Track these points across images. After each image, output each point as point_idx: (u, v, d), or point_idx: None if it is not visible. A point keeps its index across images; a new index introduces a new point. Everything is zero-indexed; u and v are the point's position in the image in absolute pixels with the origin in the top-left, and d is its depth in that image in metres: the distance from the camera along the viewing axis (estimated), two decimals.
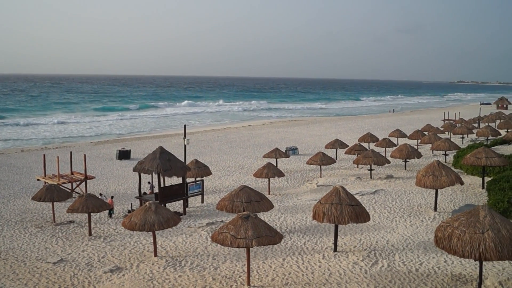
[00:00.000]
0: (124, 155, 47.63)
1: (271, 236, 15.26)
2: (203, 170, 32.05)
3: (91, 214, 23.77)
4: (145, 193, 29.78)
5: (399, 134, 52.16)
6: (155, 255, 19.20)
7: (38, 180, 34.57)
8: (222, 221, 23.95)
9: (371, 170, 35.39)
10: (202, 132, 71.69)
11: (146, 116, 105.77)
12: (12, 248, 21.04)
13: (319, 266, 17.33)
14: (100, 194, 29.52)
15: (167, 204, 26.51)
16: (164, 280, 16.67)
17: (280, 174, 32.84)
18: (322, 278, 16.27)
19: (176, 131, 74.25)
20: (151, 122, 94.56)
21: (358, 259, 17.80)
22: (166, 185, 28.30)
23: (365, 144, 46.54)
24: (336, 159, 42.24)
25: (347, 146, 44.29)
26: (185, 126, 32.31)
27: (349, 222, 17.83)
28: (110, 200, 27.55)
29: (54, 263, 18.92)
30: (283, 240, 18.46)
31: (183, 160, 30.07)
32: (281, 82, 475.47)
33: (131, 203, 29.13)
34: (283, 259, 18.13)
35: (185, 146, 32.98)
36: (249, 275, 15.96)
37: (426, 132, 54.78)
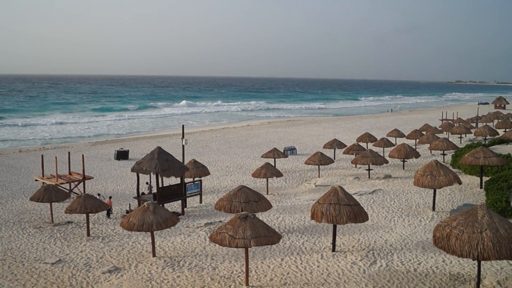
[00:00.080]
0: (122, 155, 47.61)
1: (269, 236, 15.26)
2: (201, 170, 32.03)
3: (89, 215, 23.72)
4: (143, 193, 29.76)
5: (397, 134, 52.22)
6: (154, 256, 19.19)
7: (36, 180, 34.53)
8: (220, 221, 23.94)
9: (369, 170, 35.41)
10: (200, 132, 71.67)
11: (144, 116, 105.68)
12: (10, 249, 21.01)
13: (318, 266, 17.33)
14: (98, 194, 29.47)
15: (165, 204, 26.49)
16: (163, 281, 16.65)
17: (279, 174, 32.85)
18: (320, 278, 16.27)
19: (174, 131, 74.21)
20: (149, 122, 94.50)
21: (356, 259, 17.81)
22: (164, 185, 28.28)
23: (363, 144, 46.60)
24: (334, 159, 42.25)
25: (345, 146, 44.28)
26: (183, 126, 32.36)
27: (347, 222, 17.85)
28: (108, 200, 27.53)
29: (52, 263, 18.90)
30: (281, 240, 18.45)
31: (181, 160, 30.09)
32: (279, 82, 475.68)
33: (129, 204, 29.11)
34: (282, 259, 18.14)
35: (183, 146, 33.01)
36: (247, 275, 15.95)
37: (424, 132, 54.88)
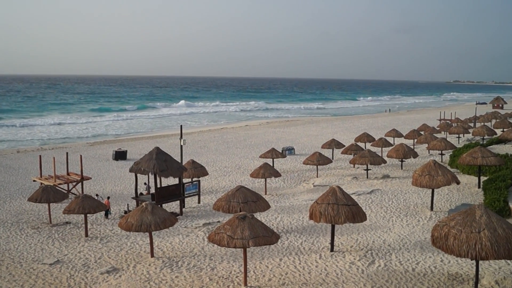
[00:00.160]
0: (120, 155, 47.58)
1: (267, 236, 15.26)
2: (199, 171, 32.02)
3: (88, 215, 23.70)
4: (141, 193, 29.75)
5: (396, 134, 52.31)
6: (152, 256, 19.17)
7: (34, 181, 34.49)
8: (218, 221, 23.93)
9: (367, 170, 35.43)
10: (198, 133, 71.66)
11: (143, 117, 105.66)
12: (8, 250, 20.97)
13: (316, 266, 17.33)
14: (97, 195, 29.45)
15: (163, 205, 26.47)
16: (161, 281, 16.64)
17: (277, 174, 32.86)
18: (319, 278, 16.28)
19: (172, 131, 74.19)
20: (148, 122, 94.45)
21: (355, 259, 17.82)
22: (163, 185, 28.27)
23: (361, 144, 46.63)
24: (332, 159, 42.31)
25: (344, 146, 44.32)
26: (181, 126, 32.36)
27: (345, 222, 17.87)
28: (107, 201, 27.52)
29: (51, 264, 18.86)
30: (280, 240, 18.46)
31: (180, 161, 30.06)
32: (278, 82, 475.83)
33: (128, 204, 29.09)
34: (280, 259, 18.13)
35: (181, 146, 33.00)
36: (246, 276, 15.95)
37: (422, 132, 54.94)
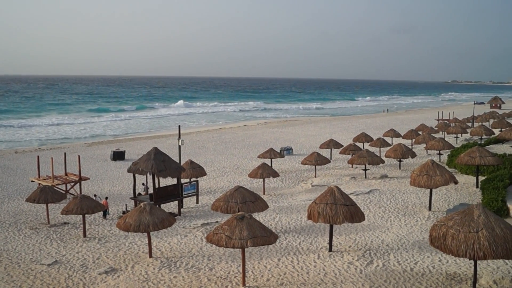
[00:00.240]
0: (118, 156, 47.53)
1: (266, 236, 15.26)
2: (198, 171, 32.00)
3: (86, 216, 23.66)
4: (139, 194, 29.70)
5: (394, 133, 52.37)
6: (150, 256, 19.16)
7: (32, 181, 34.44)
8: (217, 221, 23.92)
9: (365, 170, 35.45)
10: (197, 133, 71.62)
11: (141, 117, 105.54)
12: (6, 250, 20.93)
13: (314, 266, 17.34)
14: (95, 195, 29.42)
15: (162, 205, 26.45)
16: (159, 281, 16.62)
17: (275, 174, 32.87)
18: (317, 278, 16.28)
19: (170, 131, 74.14)
20: (146, 122, 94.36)
21: (353, 259, 17.83)
22: (161, 186, 28.24)
23: (359, 144, 46.64)
24: (330, 159, 42.34)
25: (342, 146, 44.36)
26: (179, 126, 32.33)
27: (344, 222, 17.87)
28: (105, 201, 27.47)
29: (49, 264, 18.84)
30: (278, 240, 18.47)
31: (178, 161, 30.03)
32: (276, 82, 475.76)
33: (126, 204, 29.07)
34: (278, 259, 18.13)
35: (179, 146, 32.98)
36: (244, 276, 15.94)
37: (420, 132, 54.99)
